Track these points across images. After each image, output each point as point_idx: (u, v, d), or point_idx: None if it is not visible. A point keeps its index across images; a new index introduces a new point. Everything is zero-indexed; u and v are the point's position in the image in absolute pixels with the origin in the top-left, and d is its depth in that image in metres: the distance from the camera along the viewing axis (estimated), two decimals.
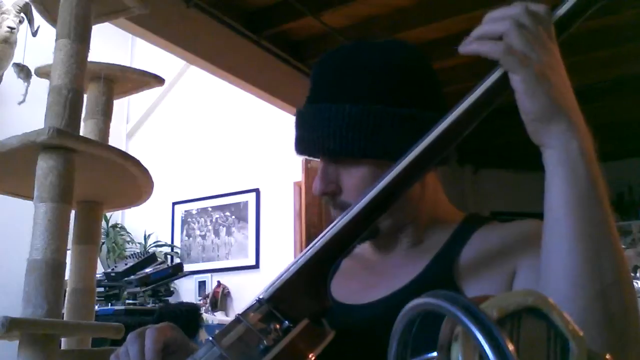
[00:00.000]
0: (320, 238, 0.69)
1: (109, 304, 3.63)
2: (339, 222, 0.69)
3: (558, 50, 0.65)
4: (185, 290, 4.87)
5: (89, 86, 1.87)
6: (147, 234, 5.04)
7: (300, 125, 0.86)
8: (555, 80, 0.63)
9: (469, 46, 0.66)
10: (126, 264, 3.87)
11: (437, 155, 0.69)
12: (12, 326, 1.29)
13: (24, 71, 3.49)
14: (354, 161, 0.82)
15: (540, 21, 0.65)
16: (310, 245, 0.69)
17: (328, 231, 0.69)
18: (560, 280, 0.62)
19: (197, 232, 5.09)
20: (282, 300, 0.66)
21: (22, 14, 3.52)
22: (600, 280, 0.60)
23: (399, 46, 0.87)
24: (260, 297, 0.67)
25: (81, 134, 1.60)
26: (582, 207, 0.62)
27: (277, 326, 0.63)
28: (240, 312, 0.66)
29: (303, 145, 0.85)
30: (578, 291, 0.60)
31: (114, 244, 4.75)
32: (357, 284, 0.90)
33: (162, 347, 0.70)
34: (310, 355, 0.62)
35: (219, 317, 4.38)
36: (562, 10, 0.67)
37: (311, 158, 0.92)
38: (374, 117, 0.79)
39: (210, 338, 0.64)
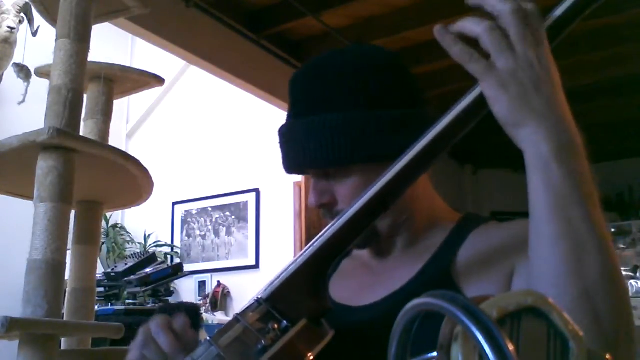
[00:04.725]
0: (320, 237, 0.69)
1: (109, 304, 3.64)
2: (339, 221, 0.69)
3: (543, 48, 0.64)
4: (185, 290, 4.87)
5: (89, 86, 1.87)
6: (147, 234, 5.04)
7: (284, 143, 0.86)
8: (523, 85, 0.63)
9: (445, 38, 0.66)
10: (126, 264, 3.87)
11: (435, 155, 0.69)
12: (12, 326, 1.29)
13: (24, 71, 3.48)
14: (343, 170, 0.82)
15: (525, 21, 0.64)
16: (310, 244, 0.69)
17: (327, 230, 0.69)
18: (544, 281, 0.62)
19: (197, 232, 5.09)
20: (280, 300, 0.66)
21: (22, 14, 3.52)
22: (583, 281, 0.60)
23: (367, 50, 0.88)
24: (259, 296, 0.67)
25: (81, 134, 1.60)
26: (560, 208, 0.62)
27: (276, 326, 0.63)
28: (238, 312, 0.66)
29: (290, 161, 0.85)
30: (560, 291, 0.60)
31: (114, 244, 4.75)
32: (355, 285, 0.90)
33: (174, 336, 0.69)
34: (308, 355, 0.62)
35: (219, 317, 4.38)
36: (560, 10, 0.67)
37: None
38: (356, 123, 0.80)
39: (208, 337, 0.64)
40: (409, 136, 0.69)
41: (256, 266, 4.71)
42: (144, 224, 5.04)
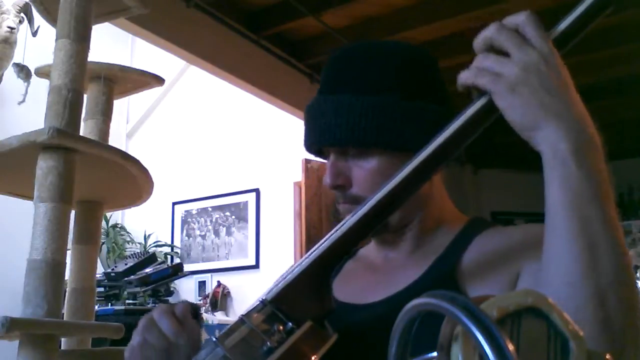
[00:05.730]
0: (324, 241, 0.69)
1: (109, 304, 3.64)
2: (343, 225, 0.69)
3: (547, 51, 0.64)
4: (185, 290, 4.87)
5: (89, 86, 1.87)
6: (147, 234, 5.04)
7: (310, 118, 0.87)
8: (534, 87, 0.63)
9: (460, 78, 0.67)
10: (126, 264, 3.87)
11: (438, 163, 0.69)
12: (12, 326, 1.29)
13: (24, 71, 3.49)
14: (363, 153, 0.83)
15: (514, 30, 0.65)
16: (314, 247, 0.69)
17: (332, 234, 0.69)
18: (556, 279, 0.62)
19: (197, 232, 5.09)
20: (285, 302, 0.66)
21: (22, 14, 3.52)
22: (596, 280, 0.60)
23: (406, 45, 0.91)
24: (264, 298, 0.67)
25: (81, 134, 1.60)
26: (576, 206, 0.62)
27: (281, 327, 0.63)
28: (243, 313, 0.66)
29: (313, 137, 0.86)
30: (573, 291, 0.60)
31: (114, 244, 4.75)
32: (360, 284, 0.90)
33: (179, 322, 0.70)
34: (313, 357, 0.62)
35: (219, 317, 4.38)
36: (566, 22, 0.67)
37: (317, 159, 0.93)
38: (385, 108, 0.81)
39: (214, 338, 0.64)
40: (432, 132, 0.69)
41: (256, 266, 4.71)
42: (144, 224, 5.04)
